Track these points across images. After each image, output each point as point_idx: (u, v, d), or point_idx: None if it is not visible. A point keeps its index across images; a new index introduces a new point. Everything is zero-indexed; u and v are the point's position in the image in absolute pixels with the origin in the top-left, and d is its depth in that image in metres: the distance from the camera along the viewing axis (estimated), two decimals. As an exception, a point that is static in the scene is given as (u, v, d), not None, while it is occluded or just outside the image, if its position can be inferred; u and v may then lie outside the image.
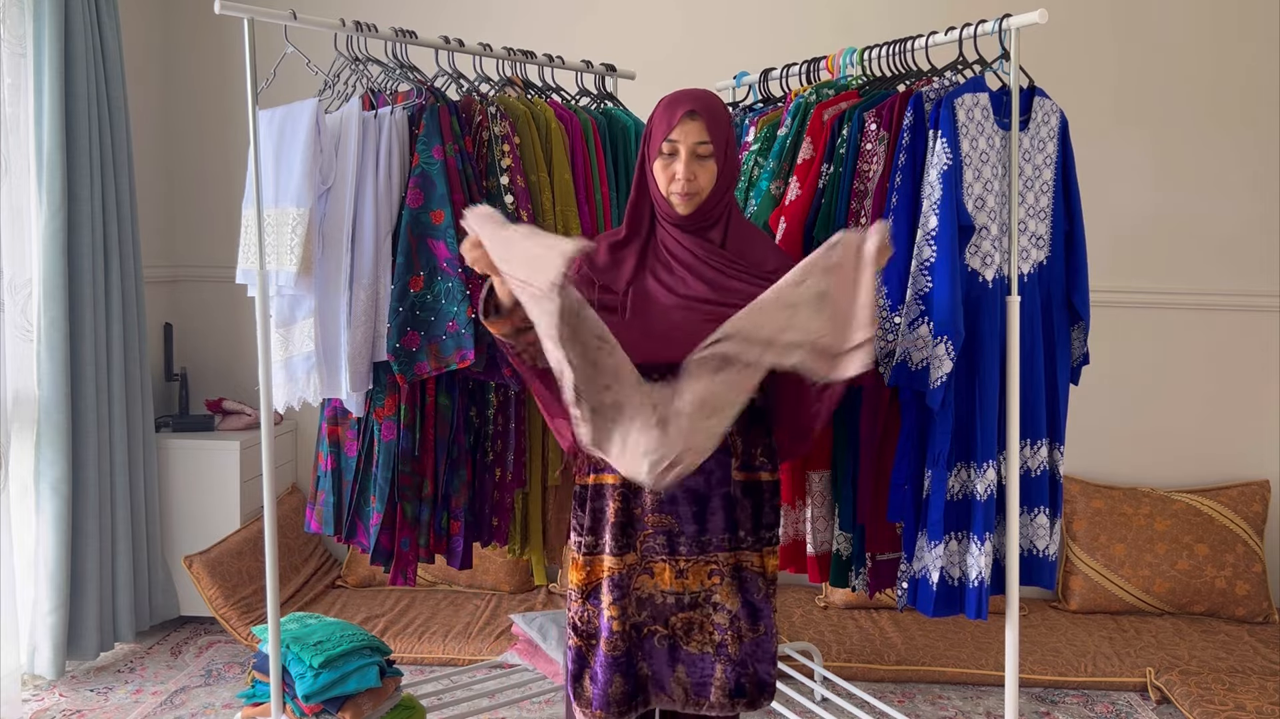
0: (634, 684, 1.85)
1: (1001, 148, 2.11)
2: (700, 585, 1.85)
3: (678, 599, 1.85)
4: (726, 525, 1.85)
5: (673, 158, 1.80)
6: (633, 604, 1.85)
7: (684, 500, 1.83)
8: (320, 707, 2.34)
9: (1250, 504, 3.50)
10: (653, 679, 1.86)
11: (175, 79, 3.82)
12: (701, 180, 1.80)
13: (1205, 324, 3.61)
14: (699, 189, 1.81)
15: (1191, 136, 3.57)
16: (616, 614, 1.83)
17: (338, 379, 2.25)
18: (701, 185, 1.81)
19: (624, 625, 1.84)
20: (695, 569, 1.84)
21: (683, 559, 1.84)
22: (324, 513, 2.42)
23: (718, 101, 1.85)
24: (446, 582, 3.66)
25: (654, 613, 1.85)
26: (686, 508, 1.83)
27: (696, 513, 1.84)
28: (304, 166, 2.18)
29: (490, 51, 2.55)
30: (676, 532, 1.84)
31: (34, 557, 2.99)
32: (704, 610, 1.85)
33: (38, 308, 2.98)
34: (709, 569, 1.85)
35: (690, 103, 1.80)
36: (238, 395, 3.78)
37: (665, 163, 1.81)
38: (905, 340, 2.04)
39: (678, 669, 1.85)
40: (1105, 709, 2.92)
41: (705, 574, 1.85)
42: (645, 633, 1.86)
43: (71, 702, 2.90)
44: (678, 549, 1.84)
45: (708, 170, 1.81)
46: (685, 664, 1.85)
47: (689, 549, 1.84)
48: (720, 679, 1.84)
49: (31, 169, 2.97)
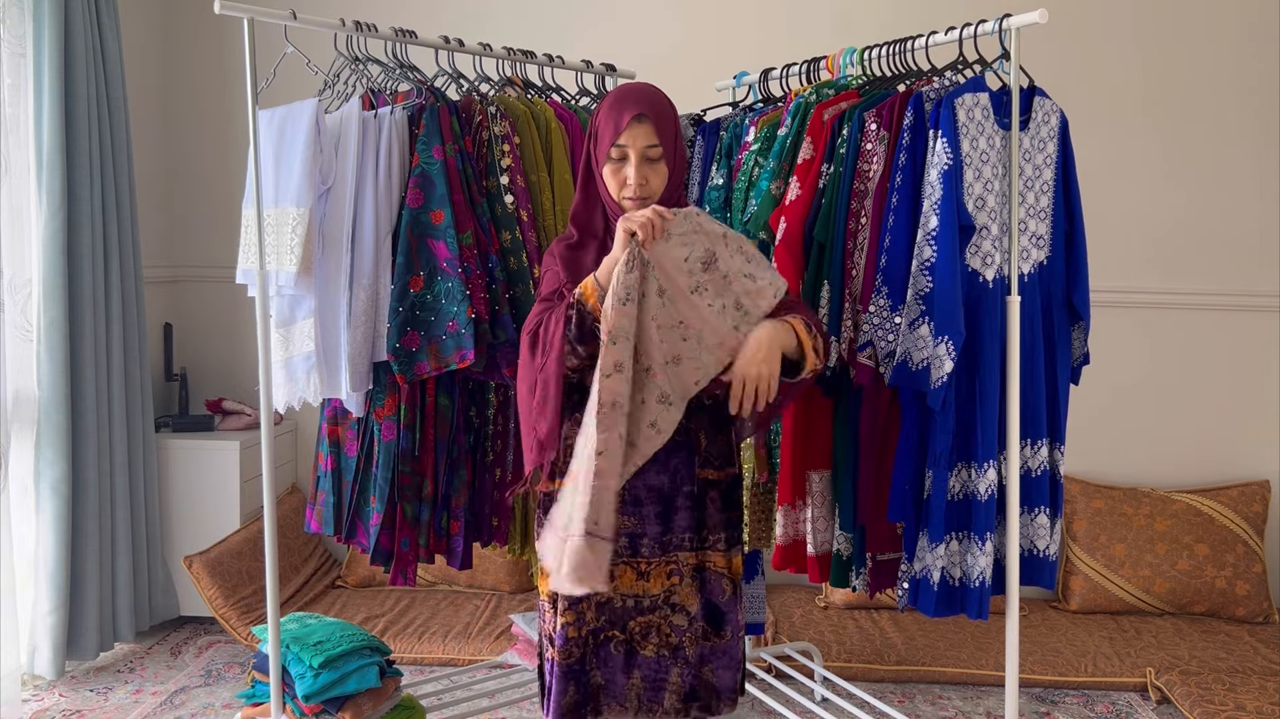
0: (584, 693, 1.79)
1: (1002, 148, 2.11)
2: (660, 588, 1.80)
3: (637, 602, 1.79)
4: (690, 524, 1.80)
5: (622, 162, 1.76)
6: (591, 609, 1.79)
7: (648, 500, 1.79)
8: (320, 707, 2.34)
9: (1250, 504, 3.50)
10: (605, 688, 1.80)
11: (175, 79, 3.82)
12: (654, 183, 1.77)
13: (1205, 324, 3.61)
14: (651, 192, 1.77)
15: (1192, 136, 3.57)
16: (571, 620, 1.78)
17: (338, 379, 2.25)
18: (654, 188, 1.77)
19: (579, 632, 1.78)
20: (656, 570, 1.80)
21: (644, 561, 1.80)
22: (324, 513, 2.42)
23: (663, 98, 1.80)
24: (446, 582, 3.66)
25: (611, 618, 1.79)
26: (651, 508, 1.79)
27: (660, 513, 1.80)
28: (304, 166, 2.18)
29: (490, 51, 2.55)
30: (640, 533, 1.79)
31: (34, 557, 2.99)
32: (662, 613, 1.80)
33: (38, 308, 2.98)
34: (668, 569, 1.80)
35: (637, 104, 1.74)
36: (238, 395, 3.78)
37: (615, 168, 1.76)
38: (906, 340, 2.04)
39: (633, 675, 1.80)
40: (1105, 709, 2.92)
41: (665, 574, 1.80)
42: (601, 639, 1.80)
43: (71, 702, 2.90)
44: (639, 551, 1.80)
45: (659, 173, 1.77)
46: (640, 669, 1.80)
47: (651, 550, 1.80)
48: (675, 683, 1.79)
49: (31, 169, 2.97)
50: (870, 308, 2.09)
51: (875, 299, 2.08)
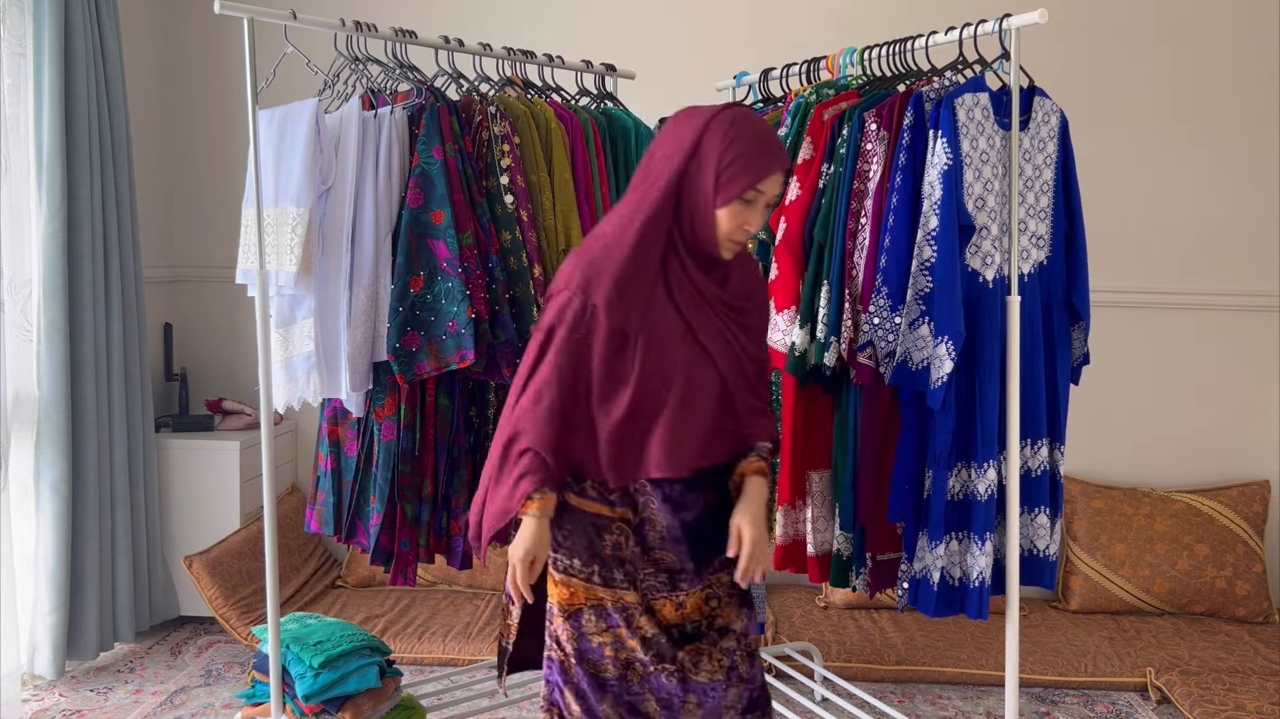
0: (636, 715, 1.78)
1: (1002, 148, 2.11)
2: (700, 613, 1.79)
3: (680, 630, 1.78)
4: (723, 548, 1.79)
5: (749, 206, 1.67)
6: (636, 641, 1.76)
7: (686, 539, 1.76)
8: (320, 707, 2.34)
9: (1250, 504, 3.50)
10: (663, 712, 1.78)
11: (175, 79, 3.82)
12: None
13: (1205, 324, 3.61)
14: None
15: (1192, 136, 3.57)
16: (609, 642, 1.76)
17: (338, 379, 2.25)
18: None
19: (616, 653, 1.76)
20: (693, 598, 1.79)
21: (682, 592, 1.78)
22: (324, 513, 2.42)
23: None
24: (446, 582, 3.66)
25: (659, 651, 1.76)
26: (688, 546, 1.76)
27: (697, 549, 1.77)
28: (304, 166, 2.18)
29: (490, 51, 2.54)
30: (679, 568, 1.77)
31: (34, 557, 2.99)
32: (710, 638, 1.79)
33: (38, 308, 2.98)
34: (706, 594, 1.80)
35: (782, 157, 1.69)
36: (238, 395, 3.78)
37: (739, 209, 1.66)
38: (906, 340, 2.04)
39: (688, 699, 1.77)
40: (1105, 709, 2.92)
41: (703, 599, 1.80)
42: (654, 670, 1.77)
43: (71, 702, 2.90)
44: (679, 585, 1.78)
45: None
46: (695, 693, 1.78)
47: (690, 583, 1.79)
48: (733, 701, 1.79)
49: (31, 169, 2.97)
50: (870, 308, 2.09)
51: (875, 299, 2.08)
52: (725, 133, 1.66)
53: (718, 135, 1.66)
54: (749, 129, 1.67)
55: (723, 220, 1.67)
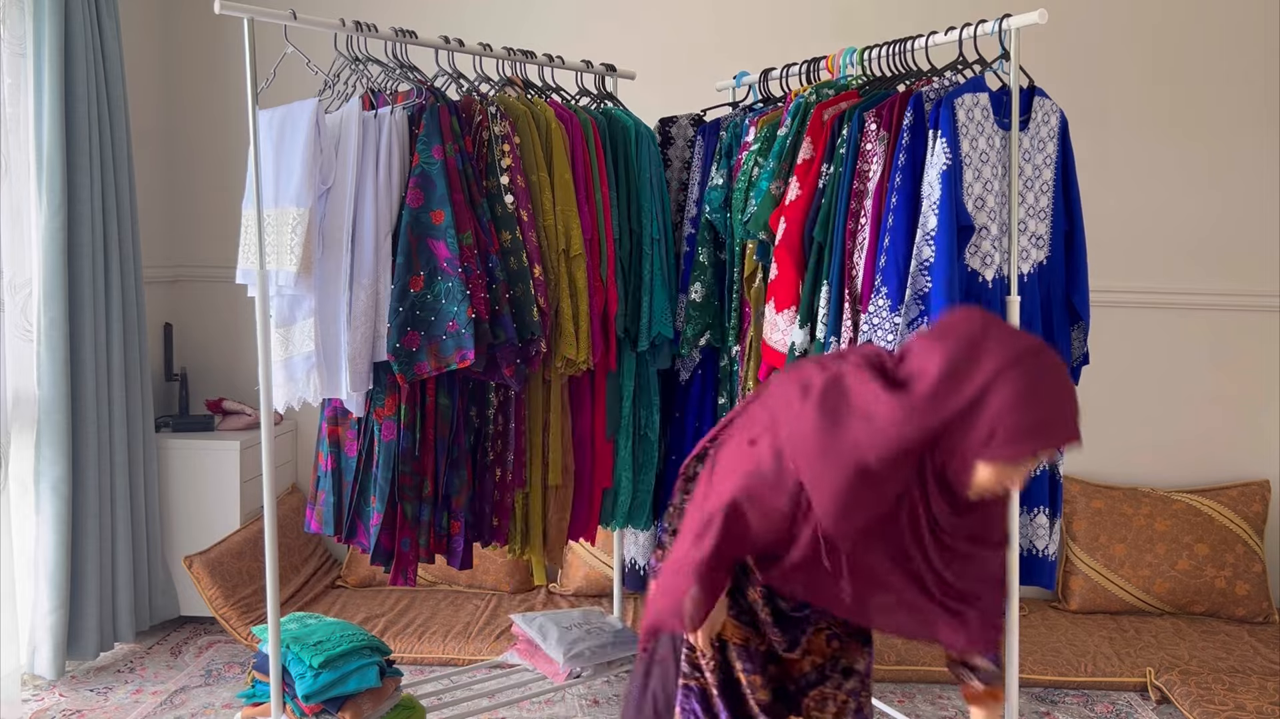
0: None
1: (1001, 148, 2.11)
2: (823, 656, 1.81)
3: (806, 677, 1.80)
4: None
5: (1019, 467, 1.51)
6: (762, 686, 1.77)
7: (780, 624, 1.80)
8: (320, 707, 2.34)
9: (1250, 504, 3.50)
10: None
11: (175, 79, 3.82)
12: None
13: (1205, 324, 3.61)
14: None
15: (1192, 136, 3.57)
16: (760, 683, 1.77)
17: (338, 379, 2.25)
18: None
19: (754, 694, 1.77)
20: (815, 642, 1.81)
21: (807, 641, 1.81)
22: (324, 513, 2.42)
23: None
24: (446, 582, 3.66)
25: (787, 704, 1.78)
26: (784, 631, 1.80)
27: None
28: (304, 166, 2.18)
29: (490, 51, 2.55)
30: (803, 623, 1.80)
31: (34, 557, 2.99)
32: (834, 681, 1.80)
33: (38, 308, 2.98)
34: (825, 635, 1.81)
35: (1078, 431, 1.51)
36: (238, 395, 3.78)
37: (1011, 470, 1.50)
38: (905, 340, 2.04)
39: None
40: (1105, 709, 2.92)
41: (824, 642, 1.81)
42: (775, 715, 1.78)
43: (71, 702, 2.90)
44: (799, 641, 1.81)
45: None
46: None
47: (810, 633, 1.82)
48: None
49: (31, 169, 2.97)
50: (870, 308, 2.09)
51: (875, 299, 2.09)
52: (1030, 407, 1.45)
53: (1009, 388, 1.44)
54: (1047, 397, 1.46)
55: (989, 472, 1.50)
